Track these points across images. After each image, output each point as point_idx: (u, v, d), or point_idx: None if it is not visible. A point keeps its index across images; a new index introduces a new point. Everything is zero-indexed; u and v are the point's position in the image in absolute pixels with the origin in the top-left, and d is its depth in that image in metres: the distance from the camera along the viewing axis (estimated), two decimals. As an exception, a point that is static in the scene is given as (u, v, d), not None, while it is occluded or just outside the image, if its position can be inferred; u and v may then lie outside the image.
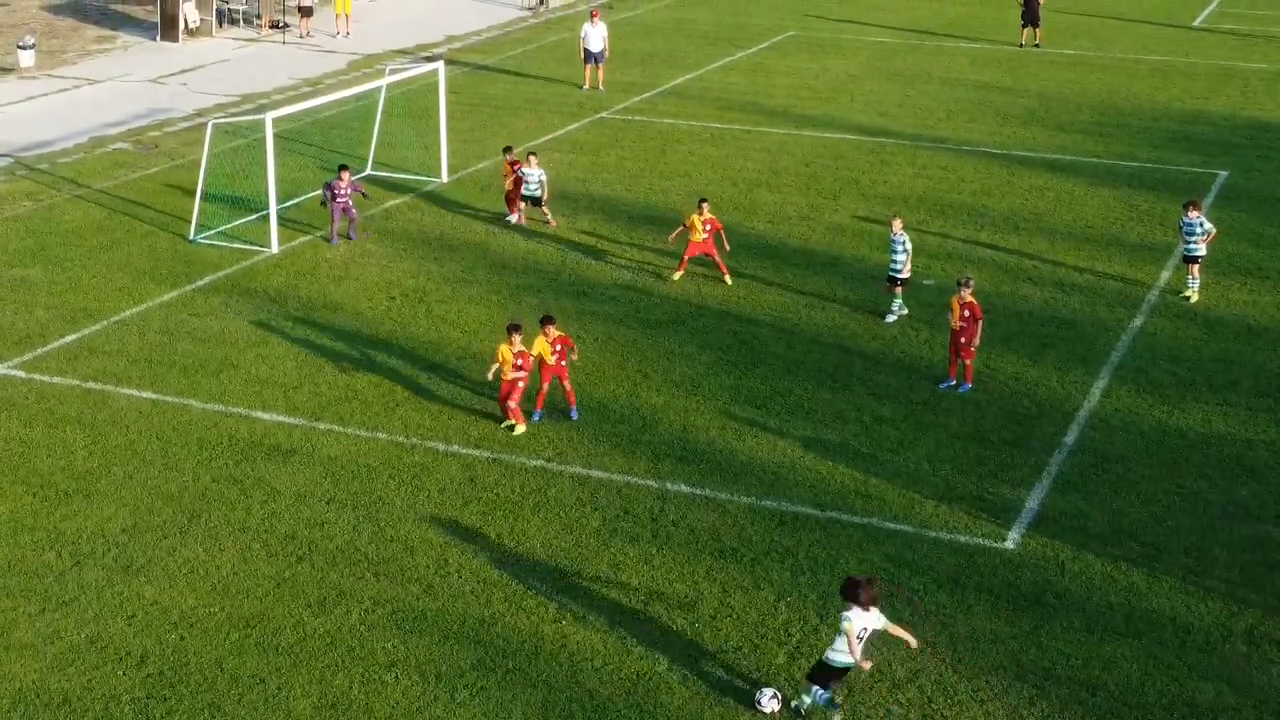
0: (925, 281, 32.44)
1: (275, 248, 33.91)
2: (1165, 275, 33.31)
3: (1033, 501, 22.99)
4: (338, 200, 34.42)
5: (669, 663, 18.67)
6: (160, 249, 34.14)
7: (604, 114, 47.73)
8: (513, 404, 24.60)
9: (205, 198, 35.48)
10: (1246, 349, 29.20)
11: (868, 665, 17.32)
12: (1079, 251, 34.87)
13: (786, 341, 29.17)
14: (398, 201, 38.23)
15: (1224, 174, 41.76)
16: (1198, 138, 45.61)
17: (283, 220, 35.04)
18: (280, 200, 35.09)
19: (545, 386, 25.36)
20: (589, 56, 50.74)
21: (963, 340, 26.75)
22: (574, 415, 25.29)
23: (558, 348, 25.12)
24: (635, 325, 30.01)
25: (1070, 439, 25.16)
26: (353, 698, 17.78)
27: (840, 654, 17.15)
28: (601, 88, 50.64)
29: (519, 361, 24.58)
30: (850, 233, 35.84)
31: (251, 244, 34.35)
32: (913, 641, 17.63)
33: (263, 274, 32.65)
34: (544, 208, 36.12)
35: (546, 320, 25.28)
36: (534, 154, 36.34)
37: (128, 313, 30.18)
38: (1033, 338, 29.64)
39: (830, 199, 38.60)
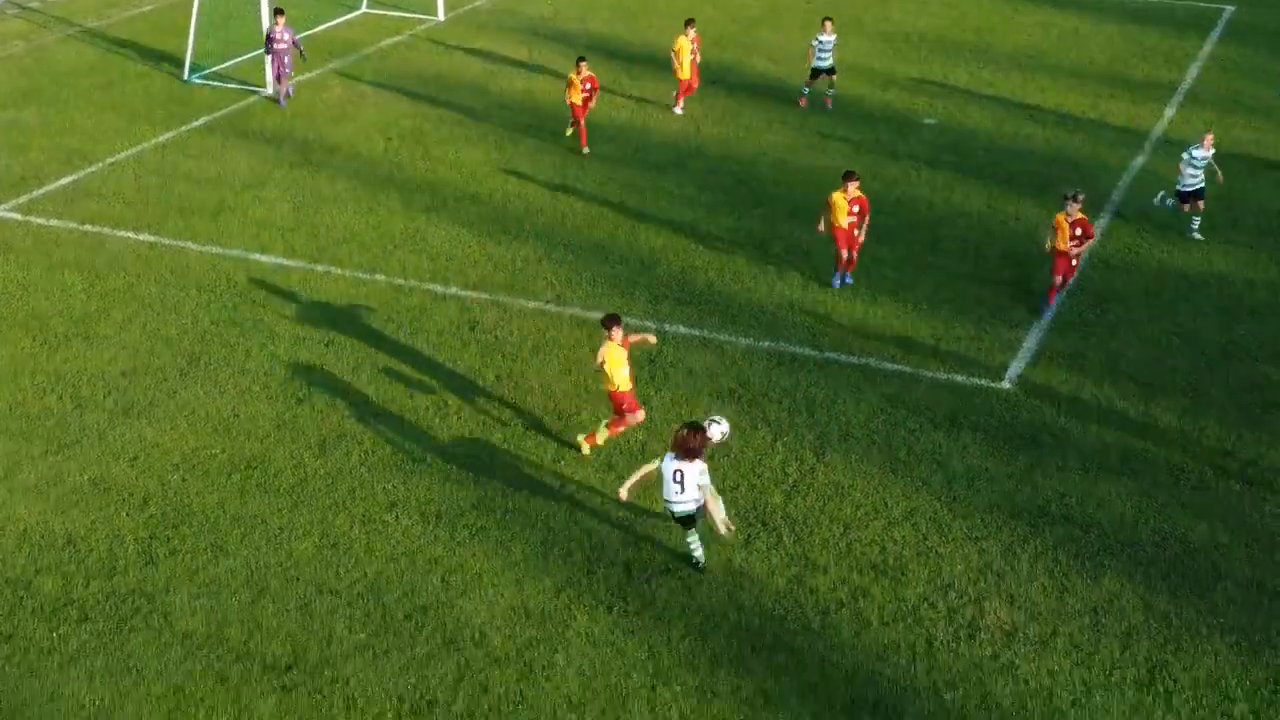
0: (927, 121, 32.15)
1: (271, 88, 33.55)
2: (1169, 113, 32.99)
3: (1030, 342, 23.01)
4: (275, 51, 32.34)
5: (667, 502, 18.82)
6: (155, 90, 33.80)
7: (603, -50, 46.92)
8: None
9: (199, 37, 35.01)
10: (1250, 188, 29.00)
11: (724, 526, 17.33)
12: (1082, 90, 34.50)
13: (787, 183, 28.97)
14: (394, 40, 37.77)
15: (1230, 9, 41.15)
16: (1206, -27, 44.92)
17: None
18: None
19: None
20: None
21: (1074, 259, 23.56)
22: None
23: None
24: (635, 166, 29.80)
25: (1071, 279, 25.07)
26: (354, 537, 17.97)
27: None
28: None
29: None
30: (852, 71, 35.40)
31: (247, 84, 33.99)
32: (721, 529, 17.41)
33: (259, 115, 32.35)
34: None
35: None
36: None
37: (123, 154, 29.97)
38: (1034, 177, 29.44)
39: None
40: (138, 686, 15.52)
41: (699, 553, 17.50)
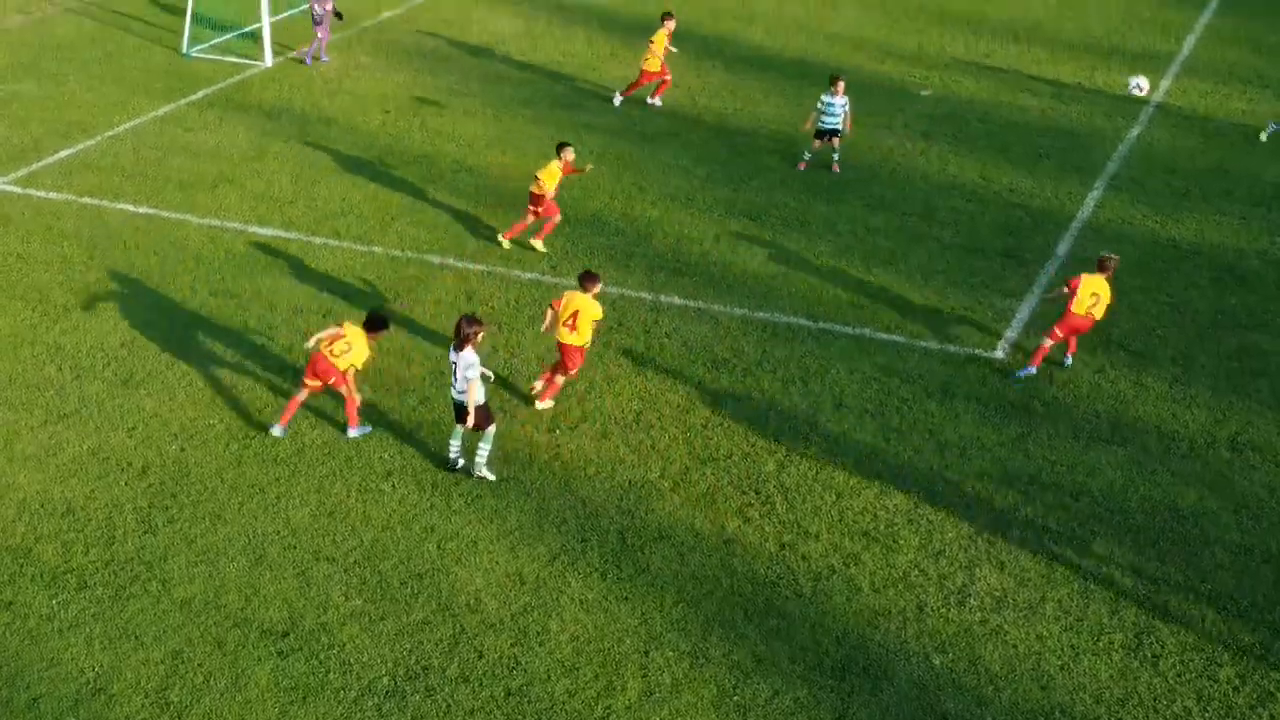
0: (923, 92, 32.21)
1: (269, 61, 33.66)
2: (1165, 85, 33.06)
3: (1024, 312, 23.16)
4: (315, 11, 33.29)
5: (661, 470, 19.00)
6: (153, 63, 33.88)
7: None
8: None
9: (197, 13, 35.09)
10: (1243, 158, 29.12)
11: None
12: (1079, 61, 34.57)
13: (782, 154, 29.08)
14: (392, 14, 37.82)
15: (1229, -20, 41.23)
16: (1204, -57, 44.92)
17: (276, 35, 34.70)
18: (273, 13, 34.68)
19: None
20: None
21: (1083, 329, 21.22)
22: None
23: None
24: (631, 138, 29.91)
25: (1063, 249, 25.25)
26: (350, 505, 18.15)
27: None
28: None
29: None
30: (848, 42, 35.49)
31: (245, 58, 34.09)
32: (467, 420, 18.19)
33: (257, 88, 32.45)
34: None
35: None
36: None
37: (122, 127, 30.07)
38: (1029, 148, 29.56)
39: (830, 6, 38.12)
40: (136, 652, 15.72)
41: (454, 452, 18.54)
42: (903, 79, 33.14)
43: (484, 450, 18.52)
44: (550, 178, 24.34)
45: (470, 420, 18.18)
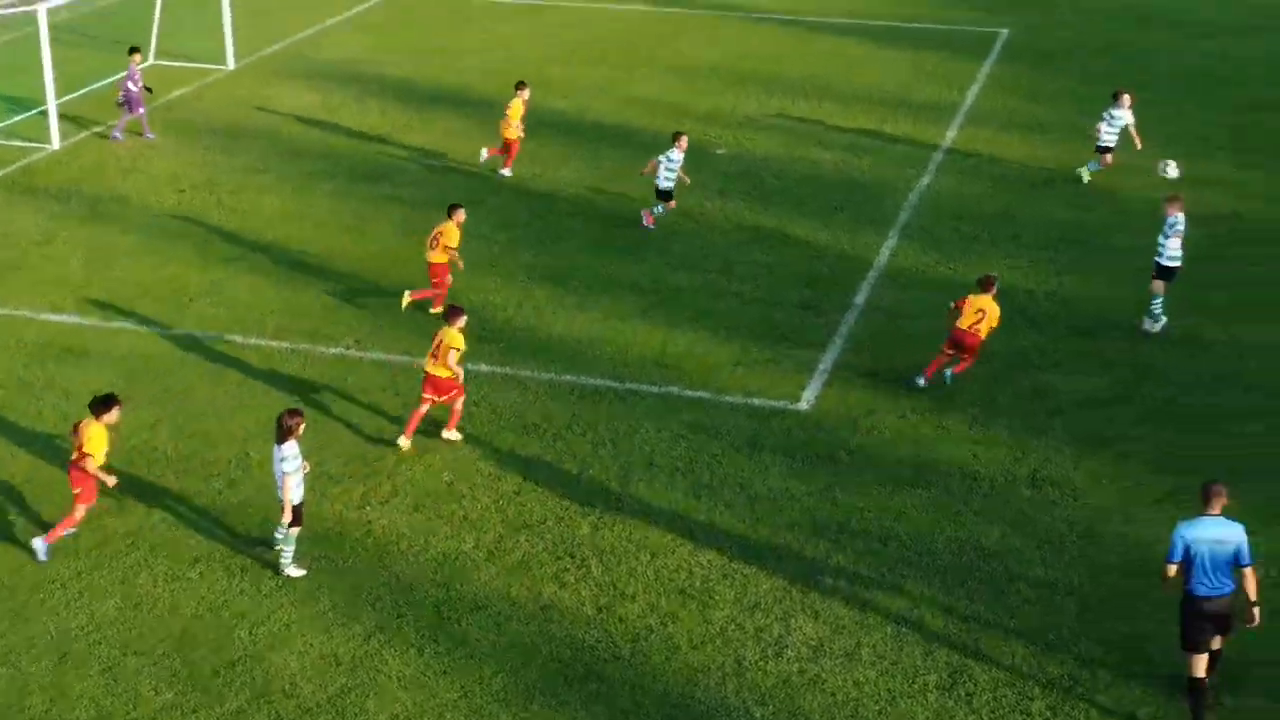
0: (718, 151, 32.74)
1: (56, 143, 32.96)
2: (951, 135, 34.06)
3: (826, 362, 23.58)
4: (128, 93, 33.15)
5: (475, 540, 18.90)
6: (-65, 150, 32.97)
7: (393, -7, 47.00)
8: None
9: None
10: (1028, 203, 30.10)
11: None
12: (869, 114, 35.46)
13: (584, 216, 29.30)
14: (183, 91, 37.33)
15: (1006, 31, 42.66)
16: (981, -4, 46.52)
17: (64, 115, 34.03)
18: (60, 94, 34.02)
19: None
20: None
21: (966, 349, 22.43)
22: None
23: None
24: (433, 208, 29.80)
25: (860, 299, 25.80)
26: (158, 595, 17.72)
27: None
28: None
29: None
30: (644, 105, 35.95)
31: (31, 141, 33.33)
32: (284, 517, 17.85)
33: (44, 171, 31.74)
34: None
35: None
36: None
37: (-96, 218, 29.17)
38: (824, 201, 30.18)
39: (624, 72, 38.62)
40: (-64, 763, 15.15)
41: (287, 558, 18.05)
42: (699, 139, 33.56)
43: (288, 552, 18.14)
44: (451, 237, 24.74)
45: (286, 516, 17.78)
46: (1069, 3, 46.16)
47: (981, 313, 22.16)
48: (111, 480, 18.46)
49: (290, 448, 17.63)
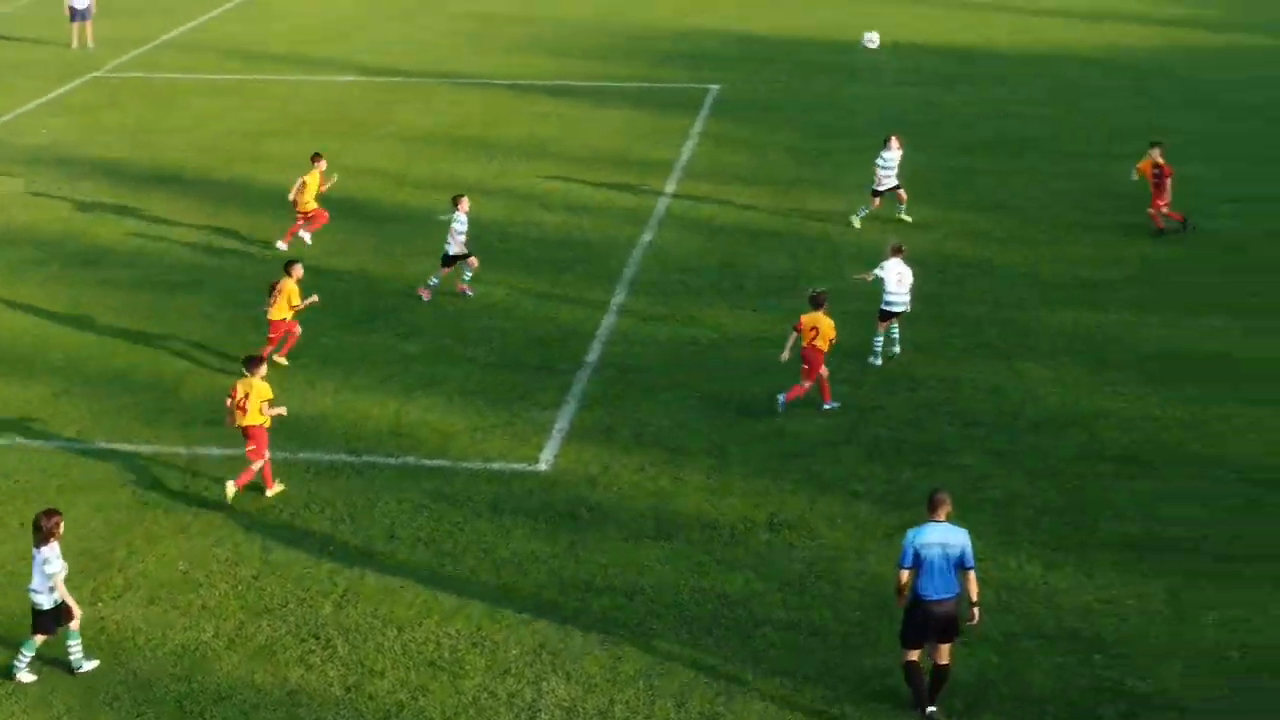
0: (440, 217, 32.69)
1: None
2: (670, 189, 34.69)
3: (562, 422, 23.69)
4: None
5: (215, 629, 18.39)
6: None
7: (98, 73, 45.87)
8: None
9: None
10: (749, 252, 30.80)
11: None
12: (587, 173, 35.88)
13: (307, 290, 28.86)
14: (-123, 183, 35.74)
15: (716, 87, 43.67)
16: (690, 54, 47.55)
17: None
18: None
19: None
20: (75, 14, 48.60)
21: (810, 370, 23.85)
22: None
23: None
24: (153, 289, 29.17)
25: (593, 357, 26.02)
26: (-124, 716, 16.79)
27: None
28: (91, 45, 48.57)
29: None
30: (364, 174, 35.71)
31: None
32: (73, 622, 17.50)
33: None
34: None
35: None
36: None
37: None
38: (551, 262, 30.39)
39: (341, 143, 38.30)
40: None
41: (75, 655, 17.45)
42: (422, 206, 33.51)
43: (77, 645, 17.44)
44: (294, 295, 25.36)
45: (75, 615, 17.23)
46: (781, 58, 47.28)
47: (815, 329, 23.47)
48: None
49: (51, 549, 17.09)
